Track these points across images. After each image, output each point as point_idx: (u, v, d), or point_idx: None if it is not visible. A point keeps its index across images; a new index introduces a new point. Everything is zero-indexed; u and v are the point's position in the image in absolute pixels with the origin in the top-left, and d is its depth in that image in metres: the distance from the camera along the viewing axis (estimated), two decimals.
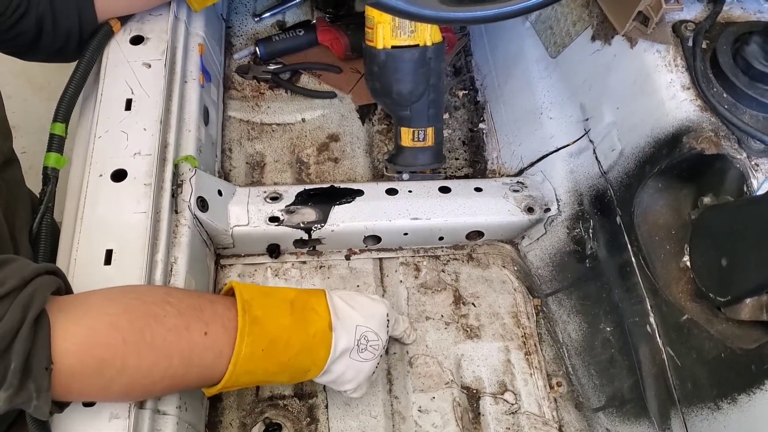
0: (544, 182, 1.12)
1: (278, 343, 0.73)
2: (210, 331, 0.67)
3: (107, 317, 0.61)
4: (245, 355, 0.69)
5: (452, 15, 0.75)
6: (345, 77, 1.31)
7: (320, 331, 0.76)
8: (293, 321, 0.74)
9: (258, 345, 0.70)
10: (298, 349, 0.74)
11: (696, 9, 0.93)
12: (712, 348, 0.80)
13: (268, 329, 0.72)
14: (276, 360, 0.73)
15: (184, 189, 0.91)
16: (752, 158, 0.82)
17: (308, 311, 0.77)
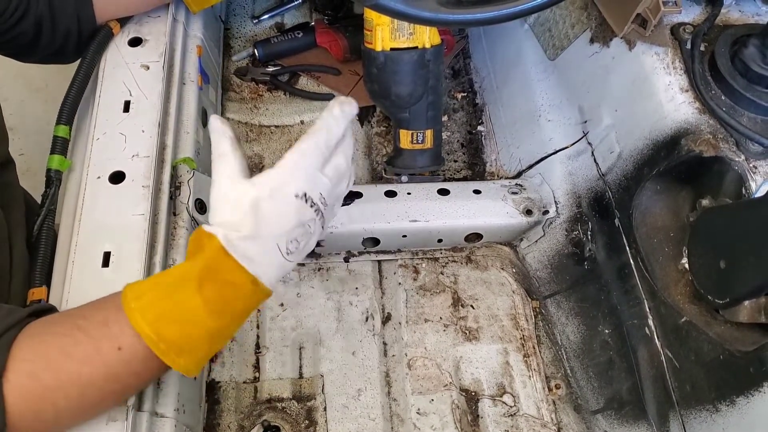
0: (542, 184, 1.12)
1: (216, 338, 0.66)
2: (123, 345, 0.63)
3: (25, 366, 0.61)
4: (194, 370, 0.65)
5: (451, 17, 0.75)
6: (344, 79, 1.31)
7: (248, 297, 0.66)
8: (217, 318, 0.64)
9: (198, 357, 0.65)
10: (237, 323, 0.68)
11: (694, 11, 0.93)
12: (711, 350, 0.80)
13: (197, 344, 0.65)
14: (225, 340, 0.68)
15: (183, 191, 0.90)
16: (750, 160, 0.82)
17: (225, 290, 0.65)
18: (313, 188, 0.68)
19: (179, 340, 0.63)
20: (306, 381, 0.98)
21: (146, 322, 0.63)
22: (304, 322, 1.03)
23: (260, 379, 0.97)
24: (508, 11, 0.74)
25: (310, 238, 0.69)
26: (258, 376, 0.98)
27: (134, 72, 0.95)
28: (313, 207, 0.68)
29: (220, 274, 0.64)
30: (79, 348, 0.62)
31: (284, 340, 1.01)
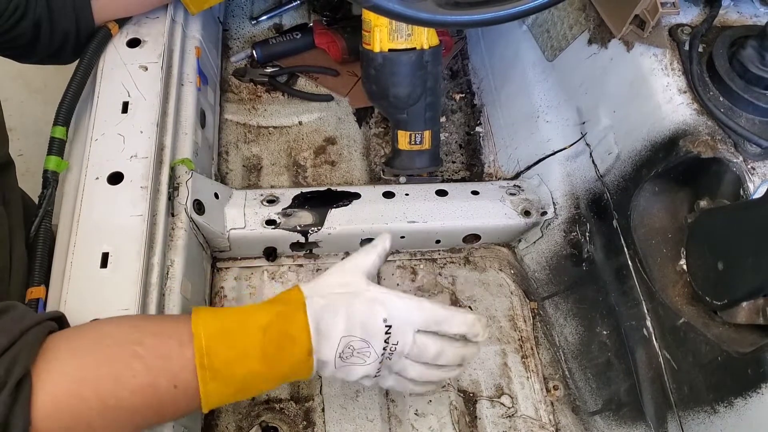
0: (540, 185, 1.12)
1: (251, 384, 0.69)
2: (179, 383, 0.63)
3: (68, 384, 0.60)
4: (214, 402, 0.67)
5: (449, 18, 0.75)
6: (342, 80, 1.31)
7: (297, 363, 0.69)
8: (264, 362, 0.67)
9: (225, 393, 0.67)
10: (276, 382, 0.71)
11: (692, 13, 0.93)
12: (709, 351, 0.80)
13: (234, 379, 0.66)
14: (256, 391, 0.72)
15: (181, 192, 0.90)
16: (748, 162, 0.82)
17: (284, 340, 0.68)
18: (399, 331, 0.71)
19: (222, 364, 0.65)
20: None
21: (205, 333, 0.65)
22: None
23: None
24: (506, 12, 0.75)
25: (361, 364, 0.72)
26: None
27: (133, 73, 0.95)
28: (386, 344, 0.71)
29: (288, 324, 0.69)
30: (135, 379, 0.62)
31: None
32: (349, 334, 0.69)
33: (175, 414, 0.68)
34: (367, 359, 0.71)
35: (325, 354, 0.70)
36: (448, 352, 0.74)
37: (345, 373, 0.73)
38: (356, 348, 0.70)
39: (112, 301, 0.76)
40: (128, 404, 0.62)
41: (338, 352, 0.70)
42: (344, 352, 0.70)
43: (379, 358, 0.71)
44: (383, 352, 0.71)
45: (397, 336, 0.71)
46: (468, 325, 0.74)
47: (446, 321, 0.73)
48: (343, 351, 0.70)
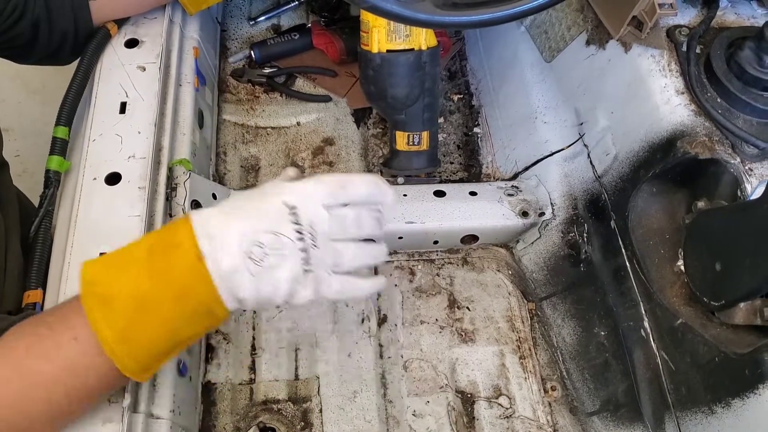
0: (538, 186, 1.12)
1: (144, 305, 0.61)
2: (79, 335, 0.61)
3: None
4: (113, 338, 0.60)
5: (447, 19, 0.75)
6: (340, 81, 1.31)
7: (188, 267, 0.61)
8: (151, 273, 0.61)
9: (118, 322, 0.60)
10: (173, 299, 0.61)
11: (690, 14, 0.94)
12: (706, 352, 0.80)
13: (122, 300, 0.60)
14: (155, 322, 0.61)
15: (179, 192, 0.90)
16: (746, 163, 0.82)
17: (169, 251, 0.61)
18: (306, 210, 0.63)
19: (105, 286, 0.60)
20: (302, 382, 0.98)
21: (90, 268, 0.61)
22: (300, 323, 1.03)
23: (256, 380, 0.97)
24: (504, 13, 0.75)
25: (280, 261, 0.62)
26: (254, 378, 0.97)
27: (131, 73, 0.95)
28: (296, 226, 0.62)
29: (171, 235, 0.62)
30: (41, 344, 0.61)
31: (280, 341, 1.01)
32: (249, 229, 0.61)
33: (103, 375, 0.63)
34: (283, 251, 0.62)
35: (225, 260, 0.61)
36: (365, 216, 0.68)
37: (269, 283, 0.63)
38: (266, 243, 0.61)
39: None
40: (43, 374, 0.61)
41: (244, 252, 0.61)
42: (254, 253, 0.61)
43: (299, 245, 0.63)
44: (300, 236, 0.62)
45: (307, 214, 0.63)
46: (371, 182, 0.67)
47: (349, 182, 0.66)
48: (251, 251, 0.61)
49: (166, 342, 0.63)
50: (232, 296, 0.62)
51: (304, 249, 0.63)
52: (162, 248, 0.62)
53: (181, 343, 0.65)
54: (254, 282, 0.62)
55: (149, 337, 0.62)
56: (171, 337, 0.63)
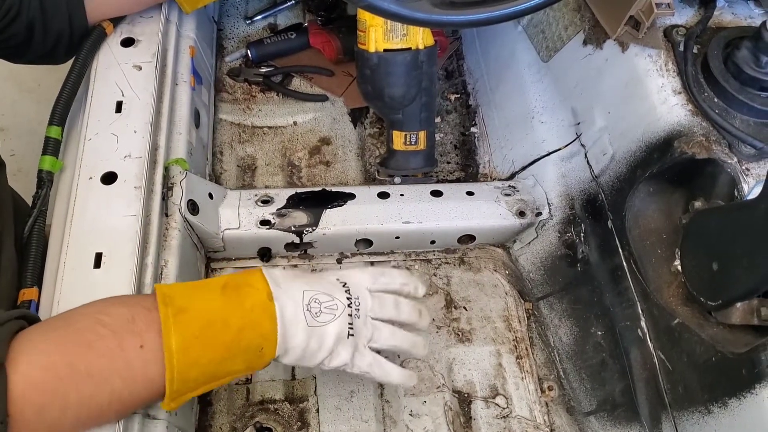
0: (535, 186, 1.12)
1: (213, 325, 0.67)
2: (146, 343, 0.63)
3: (40, 359, 0.59)
4: (177, 347, 0.63)
5: (444, 18, 0.75)
6: (337, 80, 1.30)
7: (259, 303, 0.69)
8: (225, 300, 0.69)
9: (188, 331, 0.65)
10: (238, 327, 0.68)
11: (687, 14, 0.94)
12: (703, 352, 0.80)
13: (196, 314, 0.66)
14: (217, 343, 0.67)
15: (175, 192, 0.90)
16: (743, 163, 0.82)
17: (243, 288, 0.70)
18: (354, 288, 0.76)
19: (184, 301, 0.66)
20: (298, 382, 0.98)
21: (168, 289, 0.67)
22: None
23: (252, 380, 0.97)
24: (501, 12, 0.75)
25: (332, 319, 0.73)
26: (250, 378, 0.97)
27: (126, 72, 0.94)
28: (348, 296, 0.75)
29: (244, 278, 0.72)
30: (102, 342, 0.62)
31: None
32: (310, 289, 0.73)
33: (148, 387, 0.65)
34: (335, 312, 0.73)
35: (289, 305, 0.71)
36: (404, 303, 0.80)
37: (319, 338, 0.72)
38: (323, 301, 0.73)
39: None
40: (99, 369, 0.61)
41: (304, 304, 0.71)
42: (311, 306, 0.72)
43: (348, 310, 0.74)
44: (349, 303, 0.74)
45: (356, 291, 0.76)
46: (404, 275, 0.82)
47: (388, 274, 0.80)
48: (309, 304, 0.72)
49: (215, 367, 0.68)
50: (284, 342, 0.70)
51: (350, 314, 0.74)
52: (235, 285, 0.71)
53: (220, 378, 0.70)
54: (306, 334, 0.71)
55: (206, 356, 0.67)
56: (221, 364, 0.68)
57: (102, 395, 0.62)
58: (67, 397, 0.60)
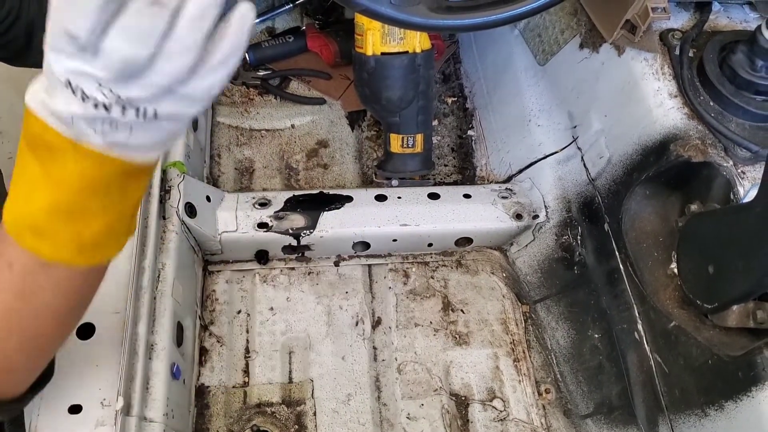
0: (532, 189, 1.12)
1: (75, 214, 0.55)
2: (12, 259, 0.57)
3: None
4: (76, 256, 0.56)
5: (441, 22, 0.75)
6: (334, 83, 1.31)
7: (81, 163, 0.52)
8: (58, 188, 0.53)
9: (67, 242, 0.55)
10: (91, 195, 0.54)
11: (683, 18, 0.94)
12: (700, 355, 0.80)
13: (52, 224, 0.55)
14: (98, 219, 0.56)
15: (172, 195, 0.90)
16: (738, 166, 0.83)
17: (53, 156, 0.53)
18: None
19: (28, 218, 0.54)
20: (296, 385, 0.98)
21: (8, 209, 0.56)
22: (294, 326, 1.03)
23: (250, 383, 0.97)
24: (498, 17, 0.75)
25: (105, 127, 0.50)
26: (247, 381, 0.97)
27: None
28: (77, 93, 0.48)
29: (39, 135, 0.53)
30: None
31: (274, 344, 1.01)
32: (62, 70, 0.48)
33: (53, 295, 0.59)
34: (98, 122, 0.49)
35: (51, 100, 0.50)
36: None
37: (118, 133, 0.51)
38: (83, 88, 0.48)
39: (103, 305, 0.75)
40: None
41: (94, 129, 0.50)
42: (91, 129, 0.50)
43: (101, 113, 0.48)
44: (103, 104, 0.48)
45: None
46: None
47: None
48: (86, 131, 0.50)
49: (121, 220, 0.57)
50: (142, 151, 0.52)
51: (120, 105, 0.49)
52: (46, 152, 0.53)
53: (131, 210, 0.58)
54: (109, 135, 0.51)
55: (105, 231, 0.56)
56: (122, 215, 0.57)
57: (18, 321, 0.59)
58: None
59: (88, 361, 0.72)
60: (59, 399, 0.69)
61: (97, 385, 0.71)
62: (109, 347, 0.73)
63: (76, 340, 0.73)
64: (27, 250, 0.56)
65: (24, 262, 0.57)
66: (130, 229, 0.59)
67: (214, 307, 1.02)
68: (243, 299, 1.04)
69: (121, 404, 0.70)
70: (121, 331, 0.74)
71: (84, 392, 0.70)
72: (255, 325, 1.02)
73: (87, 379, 0.71)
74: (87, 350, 0.73)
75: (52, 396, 0.69)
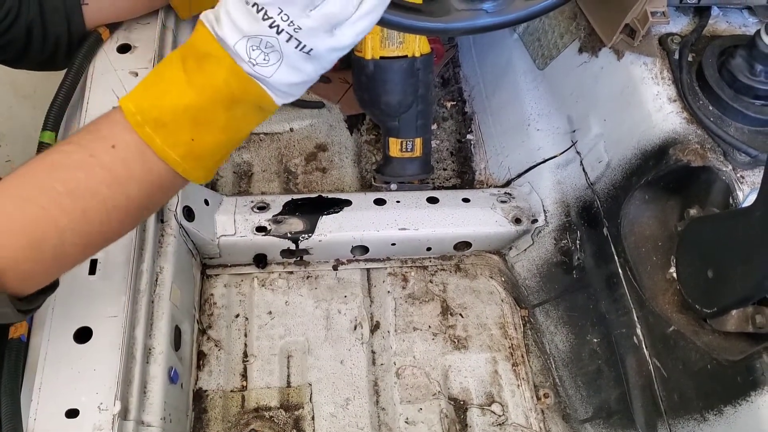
0: (531, 193, 1.12)
1: (201, 120, 0.60)
2: (117, 142, 0.58)
3: (11, 191, 0.57)
4: (182, 157, 0.59)
5: (440, 26, 0.75)
6: (333, 87, 1.31)
7: (228, 75, 0.59)
8: (196, 90, 0.59)
9: (181, 140, 0.59)
10: (223, 109, 0.60)
11: (682, 22, 0.94)
12: (699, 359, 0.80)
13: (176, 121, 0.59)
14: (217, 131, 0.61)
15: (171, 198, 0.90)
16: (738, 170, 0.83)
17: (203, 62, 0.59)
18: None
19: (155, 110, 0.58)
20: (294, 390, 0.97)
21: (130, 100, 0.59)
22: (293, 330, 1.03)
23: (248, 387, 0.97)
24: (498, 20, 0.75)
25: (274, 56, 0.60)
26: (245, 385, 0.97)
27: (123, 78, 0.94)
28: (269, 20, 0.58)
29: (197, 46, 0.59)
30: (72, 157, 0.58)
31: (272, 348, 1.01)
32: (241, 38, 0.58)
33: (140, 187, 0.61)
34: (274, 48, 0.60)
35: (238, 42, 0.58)
36: None
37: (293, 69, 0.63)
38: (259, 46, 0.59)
39: (100, 308, 0.75)
40: (75, 185, 0.58)
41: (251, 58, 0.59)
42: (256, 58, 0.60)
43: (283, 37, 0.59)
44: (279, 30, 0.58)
45: None
46: None
47: None
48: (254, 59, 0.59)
49: (228, 145, 0.63)
50: (280, 90, 0.65)
51: (288, 33, 0.59)
52: (195, 61, 0.59)
53: (239, 141, 0.65)
54: (286, 72, 0.63)
55: (213, 148, 0.61)
56: (231, 140, 0.63)
57: (94, 208, 0.59)
58: (57, 223, 0.57)
59: (85, 365, 0.72)
60: (56, 403, 0.69)
61: (94, 389, 0.70)
62: (107, 351, 0.73)
63: (74, 344, 0.73)
64: (139, 138, 0.58)
65: (129, 148, 0.59)
66: (224, 158, 0.64)
67: (212, 311, 1.02)
68: (241, 303, 1.04)
69: (118, 408, 0.70)
70: (119, 335, 0.74)
71: (81, 396, 0.70)
72: (253, 329, 1.02)
73: (84, 383, 0.71)
74: (84, 354, 0.72)
75: (49, 400, 0.69)
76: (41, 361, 0.71)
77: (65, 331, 0.73)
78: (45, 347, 0.72)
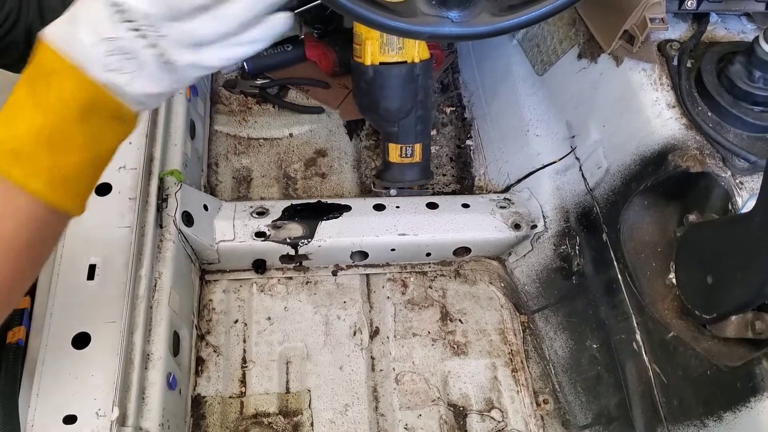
0: (530, 199, 1.12)
1: (57, 142, 0.56)
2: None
3: None
4: (46, 186, 0.56)
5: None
6: (333, 93, 1.31)
7: (76, 88, 0.56)
8: (44, 110, 0.56)
9: (41, 168, 0.56)
10: (77, 125, 0.57)
11: (681, 29, 0.94)
12: (698, 365, 0.80)
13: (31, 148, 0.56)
14: (76, 152, 0.57)
15: (170, 203, 0.90)
16: (737, 176, 0.83)
17: (48, 80, 0.57)
18: None
19: (9, 142, 0.55)
20: (293, 396, 0.97)
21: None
22: (292, 336, 1.02)
23: (246, 393, 0.97)
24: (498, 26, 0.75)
25: (134, 64, 0.55)
26: (244, 391, 0.97)
27: None
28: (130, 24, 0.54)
29: (43, 65, 0.57)
30: None
31: (271, 354, 1.00)
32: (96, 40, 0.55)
33: (15, 225, 0.57)
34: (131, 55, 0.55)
35: (84, 52, 0.56)
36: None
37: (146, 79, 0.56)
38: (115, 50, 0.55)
39: (99, 314, 0.75)
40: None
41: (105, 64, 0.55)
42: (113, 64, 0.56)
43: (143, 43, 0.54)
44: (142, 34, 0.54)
45: None
46: None
47: None
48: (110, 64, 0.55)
49: (94, 164, 0.59)
50: (134, 100, 0.57)
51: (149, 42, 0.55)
52: (42, 82, 0.56)
53: (107, 159, 0.59)
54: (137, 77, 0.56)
55: (78, 170, 0.57)
56: (96, 159, 0.59)
57: None
58: None
59: (83, 370, 0.72)
60: (54, 409, 0.69)
61: (92, 395, 0.70)
62: (105, 357, 0.73)
63: (72, 349, 0.73)
64: None
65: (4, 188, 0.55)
66: (93, 180, 0.60)
67: (210, 316, 1.02)
68: (240, 309, 1.04)
69: (116, 414, 0.69)
70: (117, 340, 0.74)
71: (79, 402, 0.70)
72: (252, 334, 1.02)
73: (82, 389, 0.70)
74: (82, 360, 0.72)
75: (46, 405, 0.69)
76: (39, 366, 0.71)
77: (63, 336, 0.73)
78: (43, 352, 0.72)
